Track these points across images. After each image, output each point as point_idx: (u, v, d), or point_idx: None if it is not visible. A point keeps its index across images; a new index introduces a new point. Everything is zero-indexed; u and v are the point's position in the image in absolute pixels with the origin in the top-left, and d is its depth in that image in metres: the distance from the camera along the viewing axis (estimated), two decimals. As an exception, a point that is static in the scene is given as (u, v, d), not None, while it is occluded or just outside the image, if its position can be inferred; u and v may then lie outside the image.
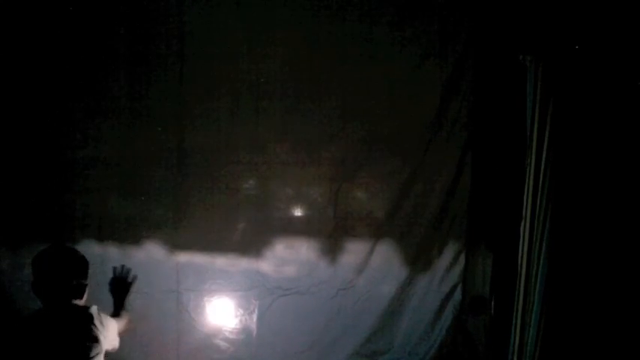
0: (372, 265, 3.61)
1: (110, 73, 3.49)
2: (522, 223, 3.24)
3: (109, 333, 2.40)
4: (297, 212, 3.63)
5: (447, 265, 3.62)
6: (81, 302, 2.39)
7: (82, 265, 2.41)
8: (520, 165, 3.28)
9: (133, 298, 3.40)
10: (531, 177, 3.18)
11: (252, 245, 3.58)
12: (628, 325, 3.19)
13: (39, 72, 3.44)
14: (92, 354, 2.28)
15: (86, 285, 2.39)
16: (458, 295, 3.63)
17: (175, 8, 3.47)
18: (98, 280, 2.63)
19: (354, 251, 3.61)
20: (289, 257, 3.61)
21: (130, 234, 3.53)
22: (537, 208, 3.16)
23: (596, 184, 3.18)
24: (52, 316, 2.31)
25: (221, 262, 3.58)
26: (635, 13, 3.16)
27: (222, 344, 3.60)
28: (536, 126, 3.17)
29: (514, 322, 3.25)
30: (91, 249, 3.44)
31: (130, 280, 2.79)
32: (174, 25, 3.47)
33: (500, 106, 3.49)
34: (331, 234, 3.60)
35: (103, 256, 3.43)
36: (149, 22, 3.48)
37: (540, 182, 3.15)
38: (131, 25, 3.46)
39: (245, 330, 3.60)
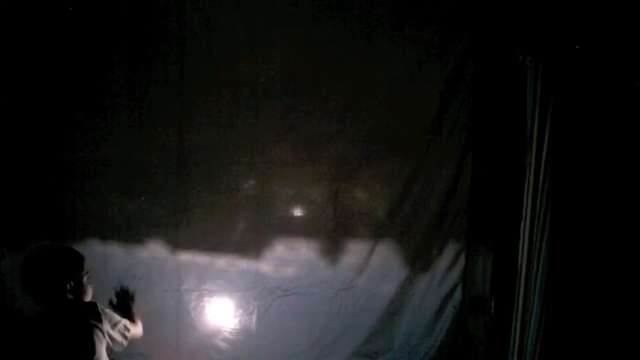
0: (372, 265, 3.61)
1: (110, 73, 3.49)
2: (522, 223, 3.23)
3: (114, 328, 2.38)
4: (297, 212, 3.63)
5: (447, 265, 3.62)
6: (87, 298, 2.38)
7: (73, 263, 2.39)
8: (520, 165, 3.27)
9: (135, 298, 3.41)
10: (531, 177, 3.17)
11: (251, 245, 3.59)
12: (628, 325, 3.19)
13: (39, 72, 3.45)
14: (95, 348, 2.27)
15: (81, 282, 2.37)
16: (458, 295, 3.63)
17: (175, 8, 3.47)
18: (102, 279, 2.63)
19: (354, 251, 3.61)
20: (289, 257, 3.62)
21: (131, 234, 3.54)
22: (537, 208, 3.15)
23: (596, 184, 3.18)
24: (52, 316, 2.30)
25: (221, 262, 3.59)
26: (635, 13, 3.16)
27: (222, 344, 3.60)
28: (536, 126, 3.17)
29: (514, 322, 3.24)
30: (94, 248, 3.45)
31: (130, 295, 2.70)
32: (174, 25, 3.48)
33: (500, 106, 3.49)
34: (331, 234, 3.60)
35: (106, 256, 3.44)
36: (149, 22, 3.48)
37: (540, 182, 3.14)
38: (131, 25, 3.46)
39: (245, 330, 3.61)
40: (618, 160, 3.20)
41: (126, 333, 2.47)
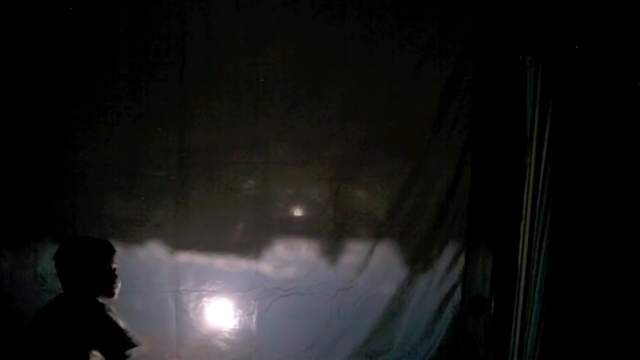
0: (372, 265, 3.60)
1: (110, 73, 3.49)
2: (522, 223, 3.24)
3: (108, 333, 2.37)
4: (297, 212, 3.63)
5: (447, 265, 3.61)
6: (114, 292, 2.40)
7: (104, 253, 2.45)
8: (520, 165, 3.28)
9: (134, 298, 3.42)
10: (531, 177, 3.18)
11: (251, 246, 3.58)
12: (628, 325, 3.19)
13: (39, 72, 3.44)
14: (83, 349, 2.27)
15: (110, 273, 2.42)
16: (458, 295, 3.62)
17: (175, 8, 3.47)
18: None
19: (354, 251, 3.60)
20: (289, 258, 3.61)
21: (131, 234, 3.53)
22: (537, 208, 3.16)
23: (596, 184, 3.18)
24: (56, 312, 2.31)
25: (220, 262, 3.58)
26: (635, 13, 3.16)
27: (222, 345, 3.60)
28: (536, 126, 3.18)
29: (514, 322, 3.25)
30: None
31: None
32: (174, 25, 3.48)
33: (500, 106, 3.49)
34: (331, 234, 3.60)
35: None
36: (149, 22, 3.48)
37: (540, 182, 3.15)
38: (131, 24, 3.47)
39: (245, 331, 3.60)
40: (618, 160, 3.21)
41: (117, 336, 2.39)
